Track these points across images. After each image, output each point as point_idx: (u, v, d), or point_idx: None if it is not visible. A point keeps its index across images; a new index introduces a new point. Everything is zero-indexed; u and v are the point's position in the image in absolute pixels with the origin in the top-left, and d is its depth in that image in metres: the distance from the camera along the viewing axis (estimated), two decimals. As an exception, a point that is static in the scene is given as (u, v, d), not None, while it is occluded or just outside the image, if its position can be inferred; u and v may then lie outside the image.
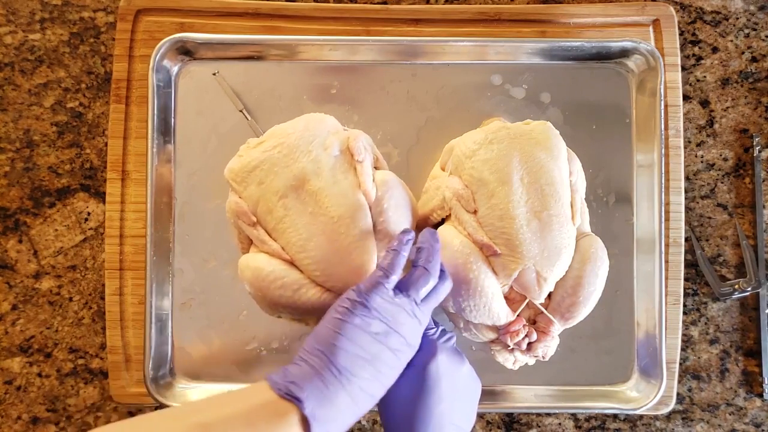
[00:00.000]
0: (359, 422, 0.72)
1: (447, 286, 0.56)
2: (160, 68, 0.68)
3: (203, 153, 0.70)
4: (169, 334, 0.69)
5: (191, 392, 0.69)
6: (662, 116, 0.68)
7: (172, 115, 0.70)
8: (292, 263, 0.59)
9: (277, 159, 0.59)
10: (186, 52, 0.70)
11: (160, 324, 0.68)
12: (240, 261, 0.61)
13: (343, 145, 0.61)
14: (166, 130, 0.69)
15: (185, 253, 0.70)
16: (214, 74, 0.69)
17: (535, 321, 0.63)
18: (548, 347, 0.62)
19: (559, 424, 0.73)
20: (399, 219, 0.60)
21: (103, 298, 0.71)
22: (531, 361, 0.64)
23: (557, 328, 0.62)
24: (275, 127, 0.62)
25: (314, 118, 0.62)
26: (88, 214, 0.73)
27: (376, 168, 0.63)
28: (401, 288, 0.53)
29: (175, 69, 0.70)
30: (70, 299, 0.72)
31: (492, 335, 0.63)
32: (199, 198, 0.70)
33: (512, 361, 0.64)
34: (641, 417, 0.72)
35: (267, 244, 0.59)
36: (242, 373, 0.69)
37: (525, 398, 0.69)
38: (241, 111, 0.69)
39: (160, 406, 0.67)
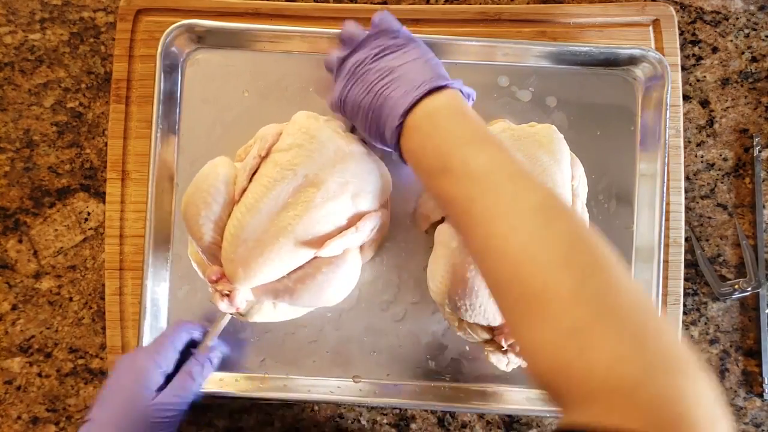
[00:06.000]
0: (359, 422, 0.72)
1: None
2: (168, 54, 0.68)
3: (207, 140, 0.70)
4: (165, 320, 0.69)
5: None
6: (667, 126, 0.68)
7: (178, 102, 0.70)
8: (230, 213, 0.59)
9: (326, 152, 0.58)
10: (194, 39, 0.70)
11: (155, 309, 0.68)
12: (218, 158, 0.61)
13: (366, 208, 0.61)
14: (170, 117, 0.69)
15: (184, 240, 0.69)
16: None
17: (532, 323, 0.63)
18: (543, 350, 0.62)
19: (559, 424, 0.73)
20: (317, 289, 0.60)
21: (103, 298, 0.71)
22: (524, 364, 0.64)
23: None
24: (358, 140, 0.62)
25: (384, 173, 0.63)
26: (88, 214, 0.73)
27: (361, 249, 0.64)
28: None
29: (182, 56, 0.70)
30: (70, 299, 0.72)
31: (486, 336, 0.63)
32: None
33: (505, 362, 0.63)
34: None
35: (241, 176, 0.59)
36: (236, 361, 0.69)
37: (517, 401, 0.69)
38: None
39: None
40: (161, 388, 0.58)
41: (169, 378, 0.59)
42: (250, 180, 0.59)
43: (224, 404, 0.72)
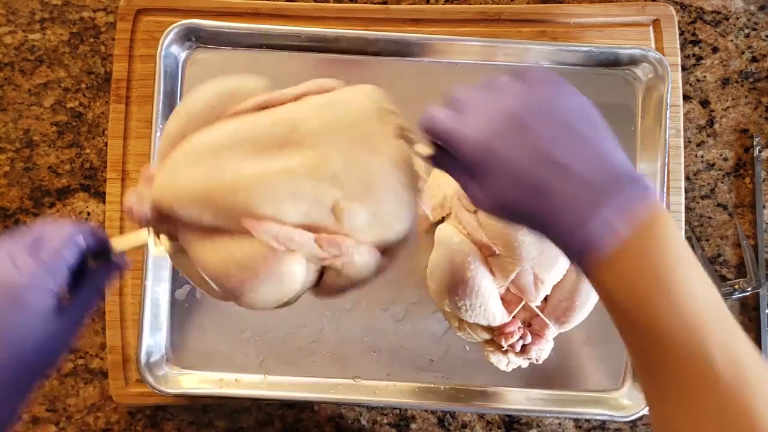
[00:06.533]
0: (359, 422, 0.72)
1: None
2: (168, 54, 0.68)
3: None
4: (165, 319, 0.69)
5: (185, 379, 0.69)
6: (667, 126, 0.68)
7: (178, 102, 0.70)
8: (201, 127, 0.48)
9: (345, 131, 0.45)
10: (194, 39, 0.70)
11: (155, 309, 0.68)
12: (255, 78, 0.52)
13: (348, 229, 0.44)
14: (170, 115, 0.69)
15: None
16: None
17: (531, 324, 0.63)
18: (542, 350, 0.62)
19: (560, 424, 0.73)
20: (221, 280, 0.45)
21: (103, 298, 0.71)
22: (524, 364, 0.64)
23: (552, 331, 0.62)
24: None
25: (407, 218, 0.49)
26: (88, 214, 0.73)
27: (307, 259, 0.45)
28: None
29: (182, 56, 0.70)
30: (70, 299, 0.72)
31: (486, 336, 0.63)
32: None
33: (505, 362, 0.64)
34: (641, 417, 0.72)
35: (251, 100, 0.49)
36: (236, 361, 0.69)
37: (517, 400, 0.69)
38: None
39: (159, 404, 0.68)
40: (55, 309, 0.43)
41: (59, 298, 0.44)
42: (259, 110, 0.48)
43: (224, 404, 0.72)
